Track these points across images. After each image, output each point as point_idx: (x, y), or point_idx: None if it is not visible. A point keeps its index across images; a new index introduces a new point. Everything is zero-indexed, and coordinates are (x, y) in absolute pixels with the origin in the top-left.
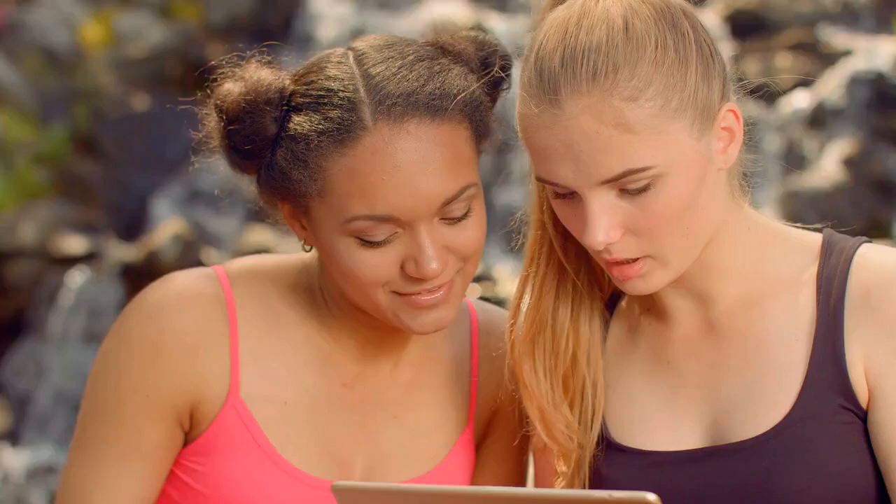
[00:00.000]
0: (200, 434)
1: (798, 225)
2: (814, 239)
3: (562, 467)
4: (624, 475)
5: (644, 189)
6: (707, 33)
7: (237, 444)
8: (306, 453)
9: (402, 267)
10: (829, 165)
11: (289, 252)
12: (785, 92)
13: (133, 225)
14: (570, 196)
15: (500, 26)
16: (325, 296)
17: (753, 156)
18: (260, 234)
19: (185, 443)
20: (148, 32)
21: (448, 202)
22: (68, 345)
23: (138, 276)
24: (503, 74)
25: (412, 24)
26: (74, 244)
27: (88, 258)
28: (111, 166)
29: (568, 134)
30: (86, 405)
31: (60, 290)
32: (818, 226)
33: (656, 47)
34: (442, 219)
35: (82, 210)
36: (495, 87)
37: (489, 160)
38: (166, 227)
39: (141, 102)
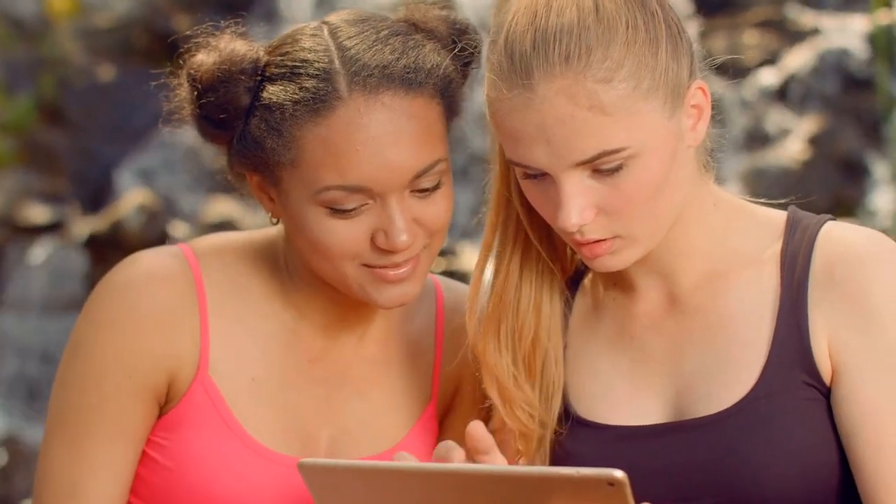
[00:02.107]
0: (170, 409)
1: (763, 201)
2: (778, 216)
3: (521, 446)
4: (587, 449)
5: (617, 169)
6: (673, 11)
7: (204, 420)
8: (272, 429)
9: (371, 239)
10: (794, 143)
11: (254, 223)
12: (751, 69)
13: (98, 195)
14: (542, 177)
15: (468, 0)
16: (289, 270)
17: (719, 130)
18: (224, 205)
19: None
20: (114, 2)
21: (419, 175)
22: (32, 314)
23: (103, 246)
24: (474, 54)
25: (379, 0)
26: (39, 214)
27: (53, 228)
28: (77, 136)
29: (542, 117)
30: (60, 390)
31: (25, 260)
32: (783, 200)
33: (627, 27)
34: (413, 192)
35: (47, 180)
36: (466, 65)
37: None
38: (131, 197)
39: (107, 72)
